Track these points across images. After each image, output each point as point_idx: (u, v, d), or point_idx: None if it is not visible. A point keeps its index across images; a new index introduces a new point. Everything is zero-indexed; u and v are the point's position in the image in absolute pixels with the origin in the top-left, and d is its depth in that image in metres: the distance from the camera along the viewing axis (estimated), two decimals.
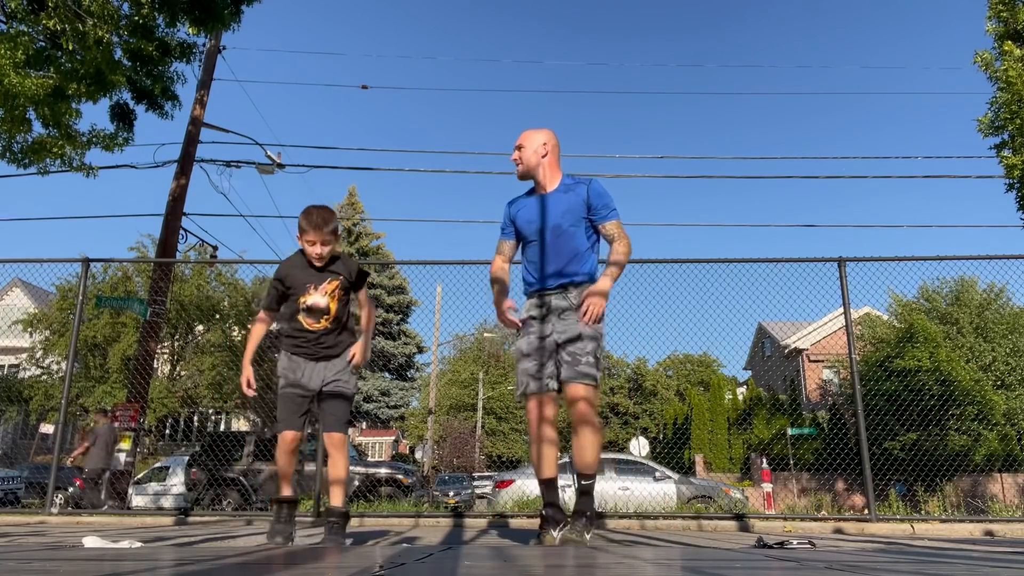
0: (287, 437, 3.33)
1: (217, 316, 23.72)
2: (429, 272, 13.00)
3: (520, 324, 3.34)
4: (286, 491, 3.41)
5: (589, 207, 3.29)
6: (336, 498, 3.36)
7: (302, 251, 3.36)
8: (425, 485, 19.87)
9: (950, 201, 76.28)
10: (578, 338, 3.13)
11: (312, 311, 3.33)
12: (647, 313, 7.47)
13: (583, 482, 3.16)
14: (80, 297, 7.59)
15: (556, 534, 3.09)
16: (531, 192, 3.50)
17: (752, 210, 74.86)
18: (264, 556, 2.27)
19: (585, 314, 3.11)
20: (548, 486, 3.22)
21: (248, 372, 3.40)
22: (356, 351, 3.43)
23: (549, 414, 3.18)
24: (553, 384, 3.18)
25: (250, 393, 3.38)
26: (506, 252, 3.50)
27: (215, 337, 23.41)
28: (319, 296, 3.32)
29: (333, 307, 3.35)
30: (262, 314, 3.52)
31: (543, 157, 3.40)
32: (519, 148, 3.44)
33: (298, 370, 3.36)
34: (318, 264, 3.33)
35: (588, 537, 3.06)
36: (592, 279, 3.28)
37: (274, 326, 3.58)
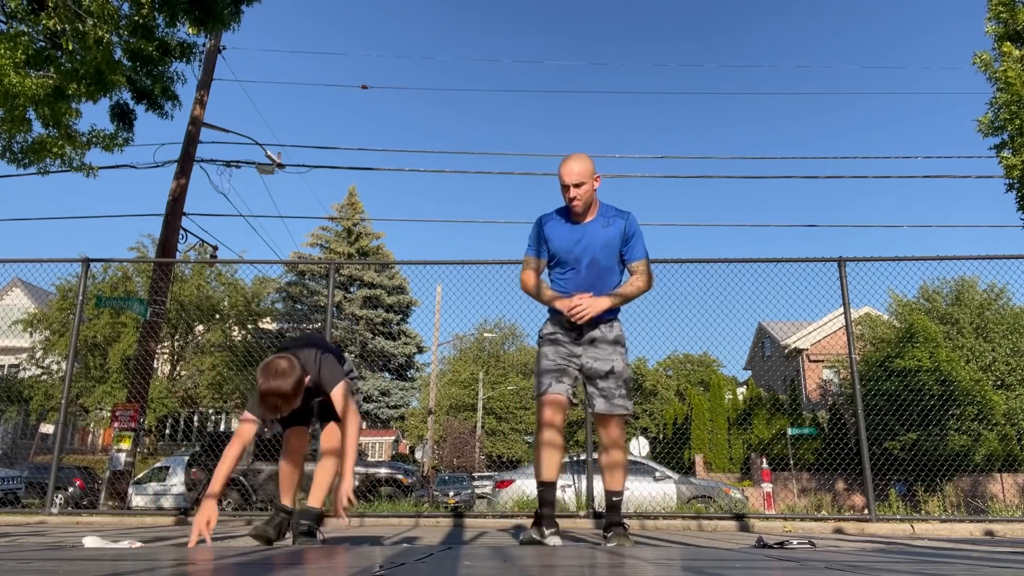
0: (290, 434, 3.29)
1: (217, 316, 23.73)
2: (429, 272, 13.03)
3: (542, 344, 3.38)
4: (286, 499, 3.32)
5: (624, 242, 3.34)
6: (312, 498, 3.30)
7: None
8: (425, 485, 19.88)
9: (950, 201, 76.31)
10: (611, 372, 3.27)
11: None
12: (647, 313, 7.48)
13: (614, 498, 3.34)
14: (80, 297, 7.59)
15: (548, 533, 3.19)
16: (562, 211, 3.41)
17: (752, 210, 74.90)
18: (264, 556, 2.27)
19: (574, 308, 3.18)
20: (547, 488, 3.29)
21: (213, 500, 2.91)
22: (342, 490, 3.03)
23: (559, 420, 3.28)
24: (569, 393, 3.30)
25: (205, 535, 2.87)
26: (537, 268, 3.45)
27: (215, 337, 23.42)
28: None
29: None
30: (247, 417, 3.10)
31: (595, 190, 3.35)
32: (578, 186, 3.23)
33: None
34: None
35: (631, 540, 3.26)
36: (617, 312, 3.41)
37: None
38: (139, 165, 11.69)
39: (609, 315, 3.31)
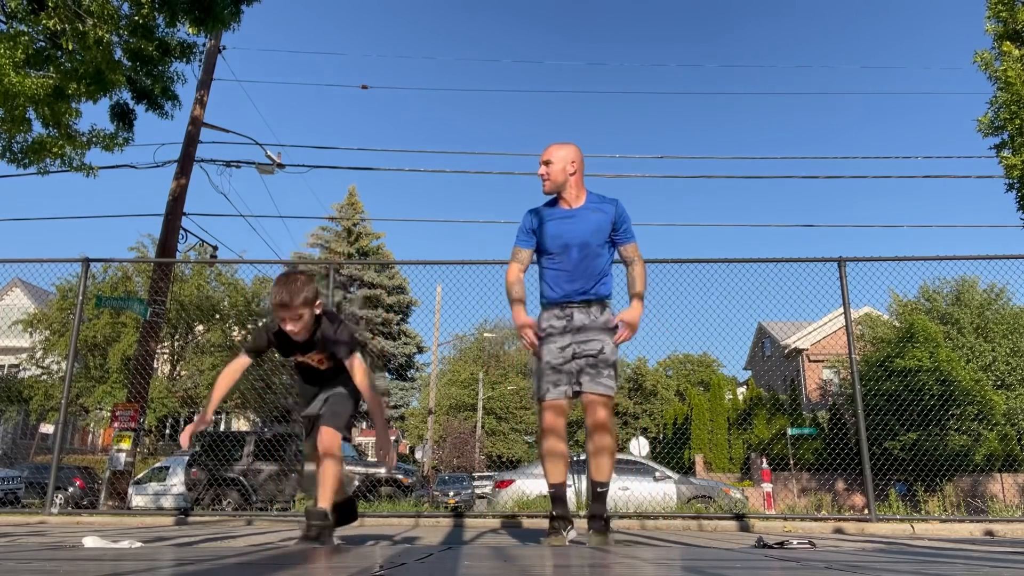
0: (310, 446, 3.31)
1: (217, 316, 23.72)
2: (429, 272, 13.03)
3: (538, 342, 3.35)
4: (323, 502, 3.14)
5: (615, 227, 3.40)
6: (323, 499, 3.15)
7: None
8: (425, 485, 19.88)
9: (950, 201, 76.30)
10: (600, 352, 3.26)
11: (309, 361, 3.28)
12: (647, 313, 7.46)
13: (599, 489, 3.27)
14: (80, 297, 7.59)
15: (566, 535, 3.17)
16: (553, 204, 3.49)
17: (752, 210, 74.89)
18: (264, 556, 2.27)
19: (618, 337, 3.31)
20: (558, 490, 3.29)
21: (197, 427, 3.14)
22: (387, 458, 3.35)
23: (560, 424, 3.29)
24: (570, 392, 3.29)
25: (184, 446, 3.10)
26: (523, 260, 3.48)
27: (215, 337, 23.41)
28: (308, 359, 3.26)
29: (327, 364, 3.26)
30: (243, 356, 3.26)
31: (571, 175, 3.42)
32: (547, 163, 3.42)
33: (308, 397, 3.34)
34: (297, 340, 3.15)
35: (610, 537, 3.22)
36: (609, 295, 3.42)
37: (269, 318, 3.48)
38: (139, 165, 11.69)
39: (604, 294, 3.37)
